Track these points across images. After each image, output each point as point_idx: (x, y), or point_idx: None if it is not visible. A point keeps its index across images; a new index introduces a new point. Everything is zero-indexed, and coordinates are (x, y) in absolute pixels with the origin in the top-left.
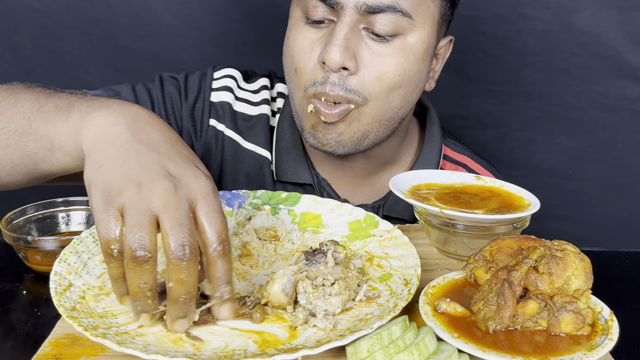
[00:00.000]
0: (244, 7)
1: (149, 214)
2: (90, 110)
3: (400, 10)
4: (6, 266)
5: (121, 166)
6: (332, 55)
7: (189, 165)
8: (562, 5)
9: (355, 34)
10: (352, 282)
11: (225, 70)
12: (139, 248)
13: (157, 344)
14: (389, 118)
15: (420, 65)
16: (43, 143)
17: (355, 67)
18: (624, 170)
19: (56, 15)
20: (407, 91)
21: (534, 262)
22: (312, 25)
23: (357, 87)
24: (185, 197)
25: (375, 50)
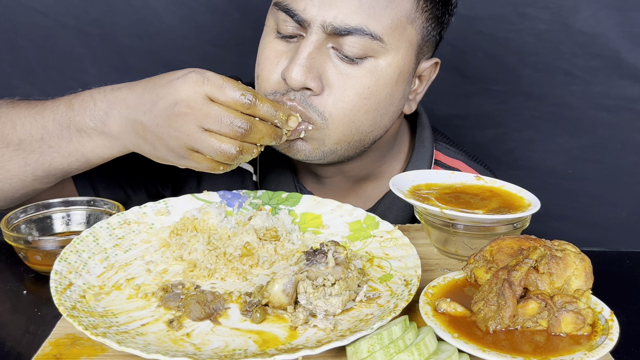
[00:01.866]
0: (243, 7)
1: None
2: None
3: (369, 33)
4: (6, 266)
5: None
6: (294, 74)
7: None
8: (562, 6)
9: (322, 53)
10: (352, 282)
11: None
12: (239, 125)
13: (158, 343)
14: (358, 140)
15: (391, 89)
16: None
17: (320, 88)
18: (624, 170)
19: (56, 16)
20: (377, 115)
21: (534, 262)
22: (282, 39)
23: (319, 107)
24: (202, 102)
25: (342, 71)
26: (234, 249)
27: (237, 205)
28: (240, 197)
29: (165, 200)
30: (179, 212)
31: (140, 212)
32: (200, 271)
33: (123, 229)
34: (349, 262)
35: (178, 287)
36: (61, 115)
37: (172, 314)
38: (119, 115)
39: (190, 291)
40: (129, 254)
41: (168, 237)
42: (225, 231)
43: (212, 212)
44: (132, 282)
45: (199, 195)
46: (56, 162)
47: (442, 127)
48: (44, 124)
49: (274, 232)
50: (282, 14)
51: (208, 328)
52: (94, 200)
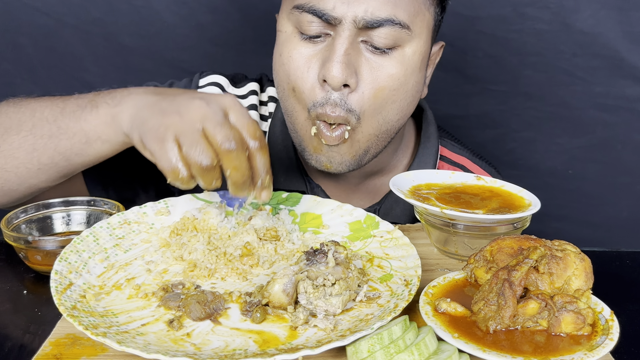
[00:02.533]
0: (244, 6)
1: (196, 130)
2: (116, 102)
3: (399, 23)
4: (6, 266)
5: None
6: (334, 72)
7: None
8: (562, 6)
9: (355, 48)
10: (352, 282)
11: (211, 77)
12: (204, 159)
13: (158, 343)
14: (386, 131)
15: (417, 76)
16: (77, 138)
17: (356, 84)
18: (624, 170)
19: (58, 15)
20: (403, 104)
21: (534, 262)
22: (308, 41)
23: (355, 106)
24: (218, 108)
25: (373, 64)
26: (234, 248)
27: (237, 205)
28: (241, 197)
29: (165, 200)
30: (179, 212)
31: (141, 212)
32: (200, 271)
33: (123, 228)
34: (349, 262)
35: (178, 287)
36: (85, 98)
37: (172, 313)
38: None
39: (190, 291)
40: (129, 254)
41: (168, 237)
42: (226, 231)
43: (212, 212)
44: (133, 282)
45: (199, 195)
46: (61, 145)
47: (442, 127)
48: (64, 107)
49: (274, 232)
50: (307, 16)
51: (208, 328)
52: (94, 200)
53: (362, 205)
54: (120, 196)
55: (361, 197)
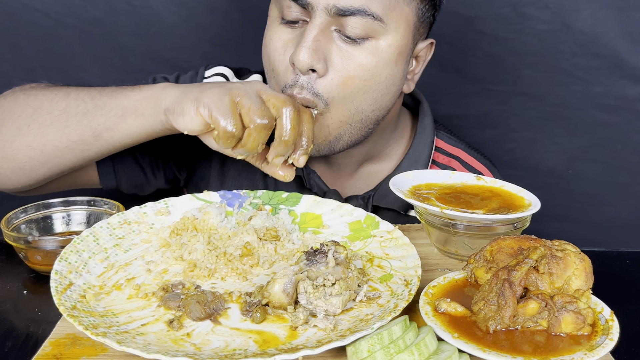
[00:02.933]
0: (243, 6)
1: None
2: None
3: (371, 14)
4: (6, 266)
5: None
6: (301, 57)
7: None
8: (562, 6)
9: (326, 36)
10: (352, 282)
11: (217, 69)
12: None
13: (158, 343)
14: (360, 120)
15: (392, 69)
16: (114, 112)
17: (324, 70)
18: (624, 170)
19: (57, 15)
20: (377, 95)
21: (534, 262)
22: (287, 25)
23: (323, 91)
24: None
25: (345, 53)
26: (234, 249)
27: (237, 205)
28: (241, 197)
29: (165, 200)
30: (179, 212)
31: (141, 212)
32: (200, 271)
33: (123, 228)
34: (349, 262)
35: (178, 287)
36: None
37: (172, 313)
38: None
39: (190, 291)
40: (129, 254)
41: (168, 237)
42: (226, 231)
43: (212, 212)
44: (133, 282)
45: (199, 195)
46: (95, 120)
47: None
48: (102, 89)
49: (274, 232)
50: (286, 1)
51: (208, 328)
52: (94, 200)
53: (357, 191)
54: (131, 182)
55: (356, 183)
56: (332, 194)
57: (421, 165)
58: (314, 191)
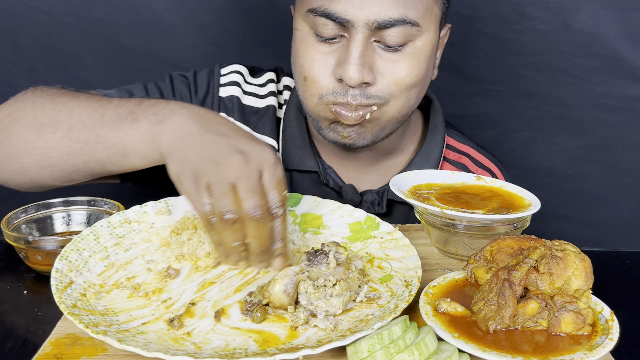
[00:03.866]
0: (244, 6)
1: (228, 184)
2: (159, 119)
3: (410, 22)
4: (6, 266)
5: (200, 153)
6: (351, 74)
7: (255, 141)
8: (562, 6)
9: (369, 49)
10: (353, 283)
11: (232, 67)
12: (227, 212)
13: (158, 342)
14: (406, 114)
15: (429, 62)
16: (115, 150)
17: (374, 79)
18: (624, 170)
19: (58, 15)
20: (420, 89)
21: (534, 262)
22: (324, 42)
23: (378, 93)
24: (256, 168)
25: (388, 59)
26: None
27: None
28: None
29: (166, 200)
30: (179, 212)
31: (141, 211)
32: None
33: (124, 227)
34: (349, 263)
35: None
36: (126, 107)
37: (171, 314)
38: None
39: None
40: (130, 253)
41: (169, 236)
42: None
43: None
44: (133, 280)
45: None
46: (97, 153)
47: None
48: (103, 113)
49: None
50: (321, 19)
51: (209, 327)
52: (94, 200)
53: (372, 185)
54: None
55: (371, 178)
56: (348, 188)
57: (433, 161)
58: (330, 186)
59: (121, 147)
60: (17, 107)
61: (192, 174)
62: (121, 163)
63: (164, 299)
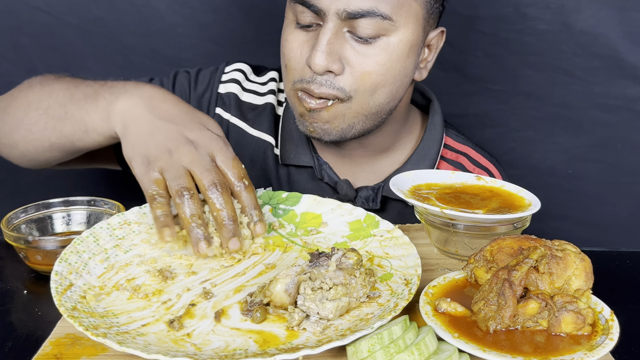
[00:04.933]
0: (245, 5)
1: (182, 168)
2: (114, 98)
3: (380, 14)
4: (6, 266)
5: (151, 140)
6: (317, 60)
7: (202, 129)
8: (562, 6)
9: (339, 37)
10: (353, 289)
11: (236, 65)
12: (182, 189)
13: (158, 343)
14: (375, 112)
15: (404, 62)
16: (79, 126)
17: (341, 69)
18: (624, 170)
19: (59, 14)
20: (392, 88)
21: (534, 262)
22: (302, 29)
23: (345, 85)
24: (206, 153)
25: (359, 51)
26: None
27: None
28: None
29: None
30: None
31: (141, 212)
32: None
33: (123, 229)
34: (355, 269)
35: None
36: (92, 88)
37: (171, 315)
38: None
39: None
40: (130, 255)
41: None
42: None
43: None
44: (133, 282)
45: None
46: (66, 129)
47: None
48: (74, 93)
49: None
50: (298, 6)
51: (209, 328)
52: (94, 200)
53: (367, 182)
54: None
55: (367, 175)
56: (343, 183)
57: (429, 160)
58: (325, 181)
59: (83, 124)
60: (18, 89)
61: (144, 159)
62: (84, 139)
63: (163, 300)
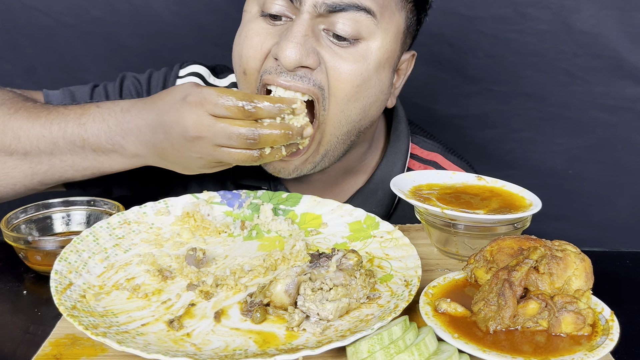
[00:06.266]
0: (243, 6)
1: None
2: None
3: (364, 8)
4: (6, 266)
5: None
6: (288, 52)
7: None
8: (562, 6)
9: (315, 34)
10: (354, 290)
11: (192, 67)
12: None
13: (158, 343)
14: (347, 132)
15: (380, 74)
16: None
17: (316, 63)
18: (624, 170)
19: (57, 15)
20: (366, 104)
21: (534, 262)
22: (266, 19)
23: (321, 80)
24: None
25: (335, 52)
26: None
27: (237, 205)
28: (240, 198)
29: (165, 200)
30: (178, 212)
31: (140, 212)
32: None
33: (123, 228)
34: (355, 270)
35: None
36: (72, 133)
37: (171, 315)
38: (137, 141)
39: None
40: (129, 254)
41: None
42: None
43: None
44: (132, 281)
45: (199, 195)
46: (68, 174)
47: (442, 127)
48: (53, 140)
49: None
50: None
51: (208, 328)
52: (94, 200)
53: None
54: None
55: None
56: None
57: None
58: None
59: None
60: None
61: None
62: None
63: (163, 299)
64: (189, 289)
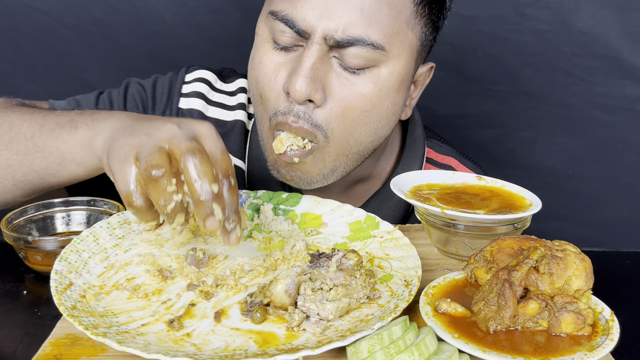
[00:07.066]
0: (243, 6)
1: (157, 145)
2: (96, 124)
3: (371, 43)
4: (6, 266)
5: (128, 134)
6: (298, 86)
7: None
8: (562, 6)
9: (325, 63)
10: (354, 290)
11: (198, 73)
12: (152, 167)
13: (158, 343)
14: (357, 152)
15: (393, 98)
16: (52, 158)
17: (322, 99)
18: (624, 170)
19: (58, 15)
20: (377, 126)
21: (534, 263)
22: (280, 50)
23: (322, 121)
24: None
25: (345, 81)
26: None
27: None
28: (241, 198)
29: None
30: None
31: None
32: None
33: (123, 228)
34: (355, 270)
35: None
36: (66, 116)
37: (171, 315)
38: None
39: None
40: (129, 254)
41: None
42: None
43: None
44: (133, 281)
45: None
46: (36, 163)
47: (442, 127)
48: (43, 123)
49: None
50: (279, 24)
51: (209, 328)
52: (94, 200)
53: None
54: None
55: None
56: None
57: None
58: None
59: (59, 154)
60: None
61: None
62: (59, 172)
63: (163, 299)
64: (189, 289)
